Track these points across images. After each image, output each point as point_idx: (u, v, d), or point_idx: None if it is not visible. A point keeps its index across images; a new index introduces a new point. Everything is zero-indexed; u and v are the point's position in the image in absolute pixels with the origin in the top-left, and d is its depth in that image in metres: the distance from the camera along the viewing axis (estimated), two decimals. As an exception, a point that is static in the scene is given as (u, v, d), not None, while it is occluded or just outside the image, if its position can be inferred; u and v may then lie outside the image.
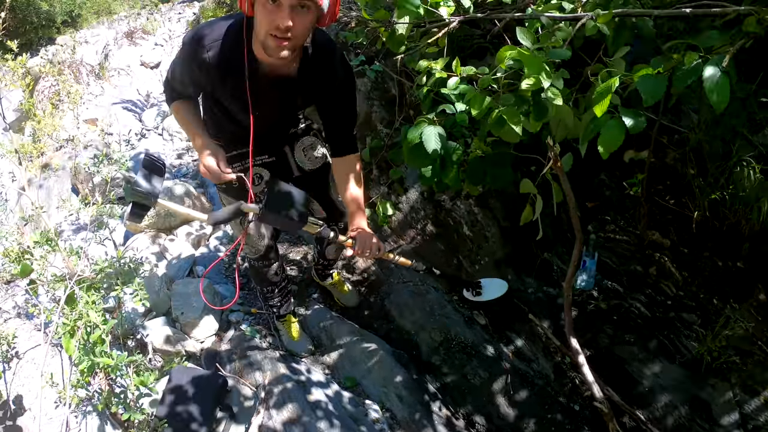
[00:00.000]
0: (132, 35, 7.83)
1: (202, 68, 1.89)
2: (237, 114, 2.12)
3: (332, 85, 2.06)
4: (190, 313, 2.98)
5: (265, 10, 1.69)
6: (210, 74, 1.90)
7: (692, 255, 2.95)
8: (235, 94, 1.98)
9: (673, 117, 3.62)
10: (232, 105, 2.07)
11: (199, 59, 1.86)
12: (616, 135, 1.60)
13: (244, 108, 2.01)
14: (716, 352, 2.61)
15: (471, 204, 2.96)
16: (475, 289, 2.75)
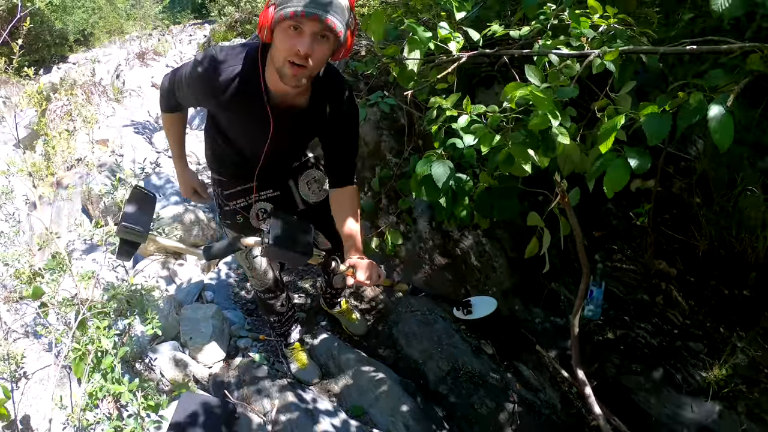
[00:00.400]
0: (143, 56, 7.92)
1: (214, 94, 1.89)
2: (244, 145, 2.14)
3: (339, 117, 2.08)
4: (199, 339, 3.00)
5: (285, 36, 1.70)
6: (221, 101, 1.91)
7: (699, 284, 2.96)
8: (246, 124, 2.01)
9: (679, 145, 3.64)
10: (241, 135, 2.09)
11: (213, 85, 1.87)
12: (621, 174, 1.62)
13: (254, 138, 2.05)
14: (723, 380, 2.61)
15: (479, 235, 2.98)
16: (465, 307, 2.75)
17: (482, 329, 3.00)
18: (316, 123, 2.08)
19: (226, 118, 2.03)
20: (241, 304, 3.47)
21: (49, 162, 4.48)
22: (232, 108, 1.94)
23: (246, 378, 2.80)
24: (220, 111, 1.99)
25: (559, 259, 3.05)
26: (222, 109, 1.96)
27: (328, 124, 2.08)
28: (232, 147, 2.17)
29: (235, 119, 2.01)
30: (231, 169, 2.26)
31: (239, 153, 2.19)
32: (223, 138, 2.15)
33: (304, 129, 2.12)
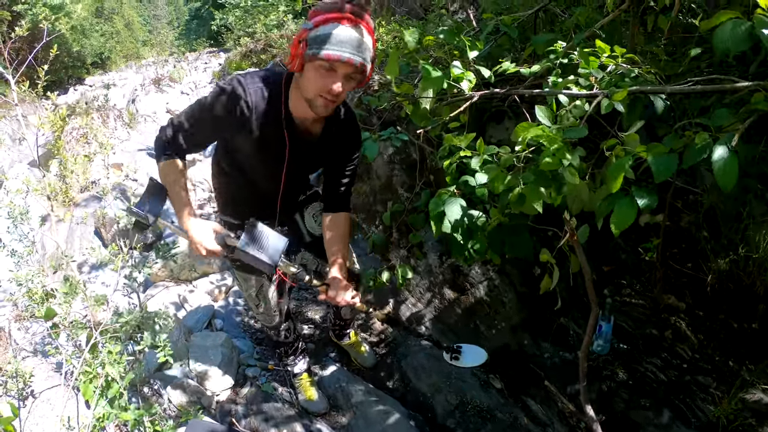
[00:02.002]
0: (159, 82, 8.03)
1: (241, 121, 1.92)
2: (261, 175, 2.18)
3: (346, 147, 2.19)
4: (208, 366, 3.01)
5: (319, 74, 1.79)
6: (246, 129, 1.94)
7: (708, 317, 2.95)
8: (266, 150, 2.04)
9: (687, 178, 3.66)
10: (259, 163, 2.12)
11: (241, 113, 1.90)
12: (628, 212, 1.65)
13: (272, 165, 2.10)
14: (732, 415, 2.59)
15: (489, 270, 3.00)
16: (454, 353, 2.74)
17: (491, 364, 3.00)
18: (326, 151, 2.17)
19: (246, 146, 2.04)
20: (251, 333, 3.49)
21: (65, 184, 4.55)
22: (254, 134, 1.98)
23: (253, 407, 2.81)
24: (243, 139, 2.00)
25: (568, 293, 3.05)
26: (245, 137, 1.98)
27: (338, 152, 2.18)
28: (249, 182, 2.21)
29: (255, 147, 2.03)
30: (247, 207, 2.28)
31: (256, 188, 2.24)
32: (240, 173, 2.19)
33: (315, 156, 2.19)
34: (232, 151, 2.13)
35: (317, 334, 3.42)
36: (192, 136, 2.04)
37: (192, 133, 2.03)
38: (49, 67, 3.45)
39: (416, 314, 3.24)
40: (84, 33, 9.78)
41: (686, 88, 2.05)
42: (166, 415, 2.77)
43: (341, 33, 1.73)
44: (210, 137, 2.10)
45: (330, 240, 2.29)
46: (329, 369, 3.06)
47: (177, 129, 2.04)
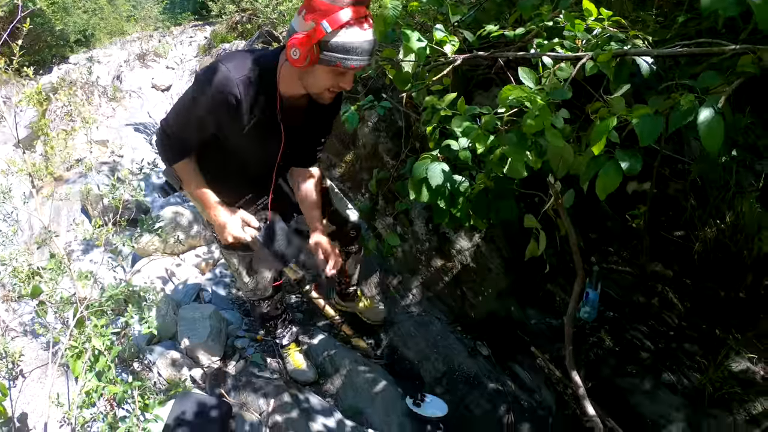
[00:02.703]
0: (144, 57, 7.94)
1: (231, 105, 1.86)
2: (256, 157, 2.15)
3: (329, 113, 2.19)
4: (196, 339, 3.00)
5: (331, 75, 1.80)
6: (238, 110, 1.89)
7: (694, 286, 2.96)
8: (261, 132, 2.00)
9: (675, 146, 3.65)
10: (256, 146, 2.07)
11: (229, 95, 1.84)
12: (613, 176, 1.63)
13: (268, 145, 2.07)
14: (718, 382, 2.61)
15: (475, 236, 2.99)
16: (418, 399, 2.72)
17: (478, 330, 3.00)
18: (312, 121, 2.15)
19: (239, 134, 1.99)
20: (239, 304, 3.48)
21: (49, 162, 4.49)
22: (246, 123, 1.94)
23: (242, 378, 2.81)
24: (234, 120, 1.94)
25: (555, 260, 3.05)
26: (235, 117, 1.93)
27: (319, 118, 2.17)
28: (242, 164, 2.17)
29: (249, 134, 1.99)
30: (233, 182, 2.24)
31: (249, 169, 2.21)
32: (230, 160, 2.14)
33: (305, 129, 2.16)
34: (221, 138, 2.06)
35: (305, 304, 3.41)
36: (189, 138, 2.01)
37: (187, 135, 2.00)
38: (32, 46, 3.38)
39: (403, 282, 3.23)
40: (66, 10, 9.60)
41: (673, 50, 2.03)
42: (156, 389, 2.77)
43: (360, 40, 1.72)
44: (205, 132, 2.01)
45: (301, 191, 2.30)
46: (317, 338, 3.06)
47: (171, 132, 2.01)
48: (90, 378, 2.12)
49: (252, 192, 2.30)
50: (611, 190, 1.64)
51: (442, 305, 3.11)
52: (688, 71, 2.32)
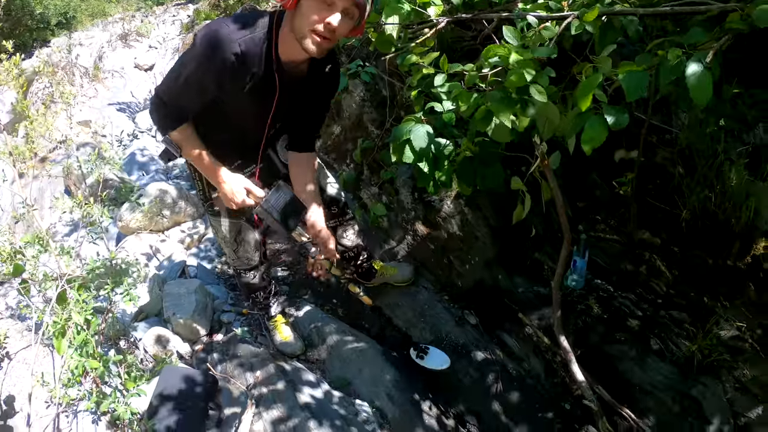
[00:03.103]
0: (126, 37, 7.83)
1: (232, 65, 1.82)
2: (248, 122, 2.13)
3: (326, 90, 2.15)
4: (182, 314, 2.97)
5: (315, 6, 1.73)
6: (238, 71, 1.85)
7: (682, 254, 2.96)
8: (255, 96, 1.97)
9: (663, 117, 3.64)
10: (249, 108, 2.04)
11: (229, 56, 1.80)
12: (599, 131, 1.60)
13: (261, 109, 2.05)
14: (707, 350, 2.61)
15: (461, 204, 2.96)
16: (421, 352, 2.72)
17: (466, 299, 2.99)
18: (309, 94, 2.11)
19: (234, 96, 1.96)
20: (225, 279, 3.45)
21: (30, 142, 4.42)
22: (244, 84, 1.91)
23: (229, 352, 2.78)
24: (233, 89, 1.92)
25: (542, 228, 3.04)
26: (235, 87, 1.91)
27: (318, 93, 2.13)
28: (232, 129, 2.15)
29: (245, 96, 1.95)
30: (227, 150, 2.20)
31: (239, 133, 2.18)
32: (224, 125, 2.11)
33: (300, 100, 2.13)
34: (216, 101, 2.01)
35: (291, 276, 3.38)
36: (186, 103, 1.96)
37: (184, 100, 1.95)
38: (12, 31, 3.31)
39: (389, 251, 3.21)
40: (46, -7, 9.47)
41: (661, 9, 1.99)
42: (143, 366, 2.75)
43: None
44: (205, 95, 1.97)
45: (301, 185, 2.25)
46: (304, 310, 3.03)
47: (168, 98, 1.96)
48: (70, 354, 2.10)
49: (241, 159, 2.27)
50: (597, 144, 1.61)
51: (429, 274, 3.09)
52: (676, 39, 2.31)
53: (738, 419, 2.47)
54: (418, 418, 2.49)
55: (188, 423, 2.30)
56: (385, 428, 2.46)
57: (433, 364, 2.65)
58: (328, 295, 3.23)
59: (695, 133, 3.02)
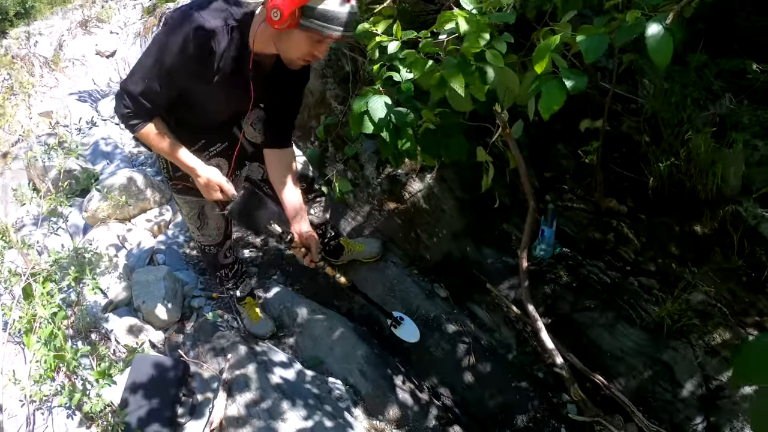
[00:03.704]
0: (86, 24, 7.64)
1: (203, 54, 1.83)
2: (214, 106, 2.11)
3: (298, 79, 2.15)
4: (152, 302, 2.94)
5: (309, 42, 1.81)
6: (209, 61, 1.85)
7: (650, 221, 2.98)
8: (227, 84, 1.96)
9: (629, 87, 3.65)
10: (218, 95, 2.03)
11: (203, 44, 1.81)
12: (556, 95, 1.59)
13: (236, 102, 2.07)
14: (676, 315, 2.64)
15: (426, 177, 2.95)
16: (394, 322, 2.72)
17: (435, 273, 2.99)
18: (280, 83, 2.12)
19: (208, 85, 1.94)
20: (193, 264, 3.41)
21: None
22: (219, 72, 1.90)
23: (200, 337, 2.77)
24: (206, 78, 1.91)
25: (509, 198, 3.04)
26: (209, 75, 1.90)
27: (288, 83, 2.14)
28: (200, 117, 2.14)
29: (218, 84, 1.94)
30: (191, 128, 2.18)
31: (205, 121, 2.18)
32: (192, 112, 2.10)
33: (271, 89, 2.13)
34: (186, 91, 1.98)
35: (260, 258, 3.35)
36: (158, 93, 1.90)
37: (152, 94, 1.89)
38: None
39: (356, 228, 3.19)
40: (2, -18, 9.19)
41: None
42: (115, 357, 2.72)
43: (343, 11, 1.72)
44: (174, 87, 1.93)
45: (282, 186, 2.25)
46: (273, 291, 3.01)
47: (138, 92, 1.89)
48: (38, 348, 2.07)
49: (205, 138, 2.25)
50: (555, 108, 1.60)
51: (397, 249, 3.08)
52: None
53: (709, 382, 2.51)
54: (391, 393, 2.49)
55: (160, 411, 2.28)
56: (359, 405, 2.46)
57: (404, 336, 2.65)
58: (297, 275, 3.20)
59: (660, 101, 3.03)
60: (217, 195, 2.13)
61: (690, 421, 2.44)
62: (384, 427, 2.41)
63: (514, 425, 2.50)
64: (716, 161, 2.81)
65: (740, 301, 2.74)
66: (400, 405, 2.46)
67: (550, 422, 2.50)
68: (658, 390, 2.52)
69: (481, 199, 2.79)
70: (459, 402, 2.58)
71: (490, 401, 2.56)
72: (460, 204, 3.00)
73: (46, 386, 2.17)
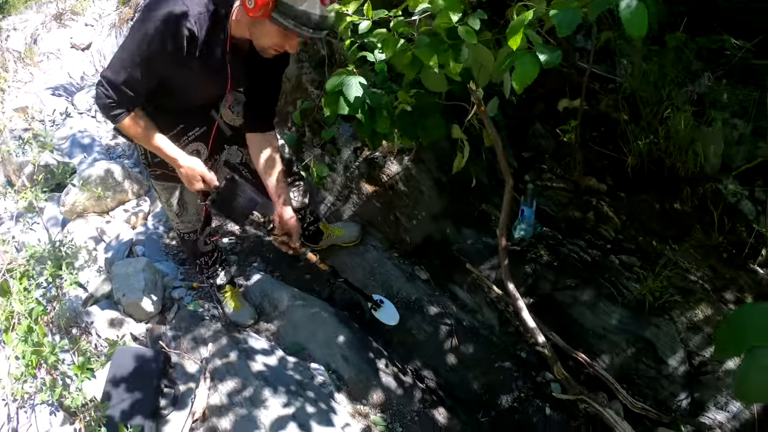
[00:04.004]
0: (61, 17, 7.52)
1: (184, 41, 1.82)
2: (194, 92, 2.12)
3: (277, 62, 2.12)
4: (132, 294, 2.91)
5: (280, 35, 1.82)
6: (190, 47, 1.84)
7: (629, 199, 2.99)
8: (207, 69, 1.96)
9: (607, 67, 3.66)
10: (198, 81, 2.03)
11: (184, 30, 1.80)
12: (529, 68, 1.57)
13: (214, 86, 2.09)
14: (658, 292, 2.65)
15: (404, 159, 2.93)
16: (374, 305, 2.71)
17: (415, 255, 2.98)
18: (258, 66, 2.11)
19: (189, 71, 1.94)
20: (173, 254, 3.38)
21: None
22: (199, 57, 1.89)
23: (182, 327, 2.75)
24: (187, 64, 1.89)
25: (487, 179, 3.03)
26: (190, 61, 1.88)
27: (266, 67, 2.13)
28: (179, 102, 2.14)
29: (198, 70, 1.95)
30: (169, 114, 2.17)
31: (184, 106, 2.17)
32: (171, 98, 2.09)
33: (249, 72, 2.14)
34: (168, 80, 1.97)
35: (239, 246, 3.33)
36: (139, 81, 1.88)
37: (133, 82, 1.87)
38: None
39: (335, 212, 3.17)
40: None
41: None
42: (97, 351, 2.69)
43: (317, 13, 1.74)
44: (154, 75, 1.91)
45: (268, 171, 2.25)
46: (254, 278, 2.98)
47: (119, 81, 1.86)
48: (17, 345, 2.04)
49: (183, 123, 2.23)
50: (528, 82, 1.58)
51: (377, 232, 3.06)
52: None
53: (692, 359, 2.52)
54: (374, 377, 2.49)
55: (142, 403, 2.26)
56: (341, 390, 2.45)
57: (384, 319, 2.65)
58: (277, 262, 3.18)
59: (639, 80, 3.04)
60: (199, 185, 2.12)
61: (674, 397, 2.46)
62: (368, 411, 2.40)
63: (498, 406, 2.51)
64: (695, 139, 2.82)
65: (721, 278, 2.76)
66: (383, 389, 2.46)
67: (534, 402, 2.51)
68: (642, 367, 2.53)
69: (460, 180, 2.78)
70: (443, 384, 2.57)
71: (473, 382, 2.56)
72: (439, 185, 2.99)
73: (27, 384, 2.14)
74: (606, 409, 2.36)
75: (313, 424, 2.20)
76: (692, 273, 2.74)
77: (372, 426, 2.33)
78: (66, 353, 2.43)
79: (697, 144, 2.80)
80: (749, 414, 2.37)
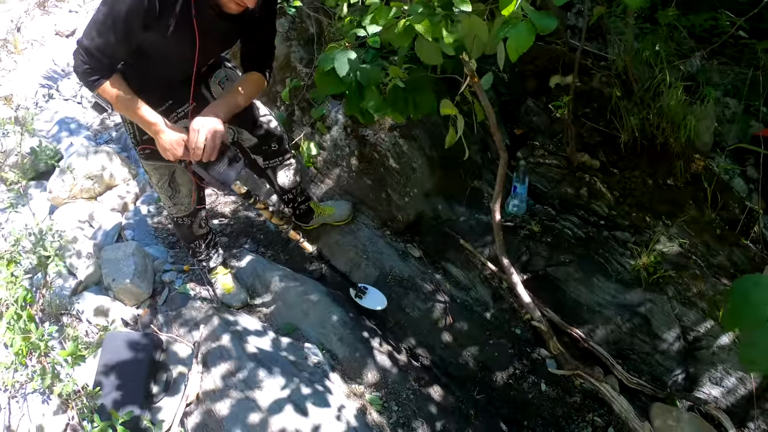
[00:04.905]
0: (44, 4, 7.40)
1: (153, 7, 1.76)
2: (172, 59, 2.07)
3: (263, 18, 2.11)
4: (122, 279, 2.86)
5: None
6: (161, 13, 1.79)
7: (622, 175, 2.99)
8: (180, 35, 1.90)
9: (599, 45, 3.65)
10: (174, 47, 1.98)
11: None
12: (525, 37, 1.54)
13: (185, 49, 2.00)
14: (652, 267, 2.65)
15: (395, 136, 2.90)
16: (360, 292, 2.70)
17: (408, 233, 2.96)
18: (246, 24, 2.08)
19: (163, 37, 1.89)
20: (163, 238, 3.33)
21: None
22: (171, 23, 1.85)
23: (173, 311, 2.71)
24: (160, 30, 1.86)
25: (480, 156, 3.02)
26: (162, 27, 1.85)
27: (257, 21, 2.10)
28: (159, 72, 2.10)
29: (172, 36, 1.89)
30: (155, 88, 2.13)
31: (167, 77, 2.14)
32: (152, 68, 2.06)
33: (233, 33, 2.14)
34: (141, 45, 1.93)
35: (230, 227, 3.30)
36: (114, 46, 1.83)
37: (112, 44, 1.82)
38: None
39: (327, 191, 3.13)
40: (-48, -36, 8.85)
41: None
42: (88, 338, 2.66)
43: None
44: (133, 40, 1.87)
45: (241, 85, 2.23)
46: (245, 259, 2.94)
47: (94, 47, 1.82)
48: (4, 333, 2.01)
49: (171, 99, 2.20)
50: (524, 49, 1.55)
51: (369, 210, 3.03)
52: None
53: (687, 334, 2.53)
54: (369, 356, 2.47)
55: (134, 389, 2.23)
56: (336, 369, 2.43)
57: (370, 304, 2.64)
58: (268, 242, 3.15)
59: (631, 57, 3.02)
60: (180, 150, 2.06)
61: (669, 372, 2.46)
62: (363, 390, 2.38)
63: (494, 382, 2.50)
64: (687, 115, 2.81)
65: (715, 253, 2.76)
66: (378, 368, 2.44)
67: (529, 378, 2.50)
68: (637, 342, 2.53)
69: (452, 157, 2.75)
70: (437, 362, 2.56)
71: (468, 360, 2.55)
72: (431, 162, 2.96)
73: (18, 373, 2.11)
74: (602, 384, 2.36)
75: (309, 405, 2.18)
76: (685, 248, 2.75)
77: (368, 405, 2.32)
78: (56, 340, 2.40)
79: (689, 119, 2.80)
80: (745, 389, 2.38)
